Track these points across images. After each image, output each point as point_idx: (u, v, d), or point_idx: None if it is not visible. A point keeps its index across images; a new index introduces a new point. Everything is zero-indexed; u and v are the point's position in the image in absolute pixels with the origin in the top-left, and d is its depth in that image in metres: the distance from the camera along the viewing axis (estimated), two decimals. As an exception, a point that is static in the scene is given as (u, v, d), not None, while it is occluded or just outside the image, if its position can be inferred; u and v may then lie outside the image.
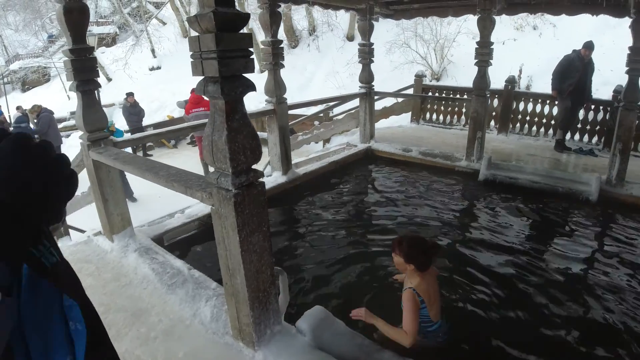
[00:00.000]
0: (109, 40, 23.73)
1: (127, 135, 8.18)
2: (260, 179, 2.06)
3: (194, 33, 1.78)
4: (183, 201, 4.58)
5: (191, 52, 1.78)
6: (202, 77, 1.84)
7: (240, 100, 1.87)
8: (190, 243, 4.11)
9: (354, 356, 2.18)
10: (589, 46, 6.66)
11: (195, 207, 4.53)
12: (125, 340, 2.48)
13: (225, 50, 1.69)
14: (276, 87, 5.17)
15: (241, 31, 1.77)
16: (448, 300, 3.15)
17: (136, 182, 6.13)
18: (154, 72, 20.84)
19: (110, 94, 16.27)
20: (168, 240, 3.97)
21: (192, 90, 9.17)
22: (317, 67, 16.92)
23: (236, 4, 1.92)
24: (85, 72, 3.05)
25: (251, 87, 1.87)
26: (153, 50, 21.66)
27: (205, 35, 1.68)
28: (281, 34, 15.38)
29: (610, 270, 3.76)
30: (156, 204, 5.96)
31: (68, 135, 11.36)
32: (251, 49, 1.82)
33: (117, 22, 25.08)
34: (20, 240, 0.55)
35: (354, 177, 6.33)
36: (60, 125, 11.33)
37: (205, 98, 9.16)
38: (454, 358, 2.58)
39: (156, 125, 10.51)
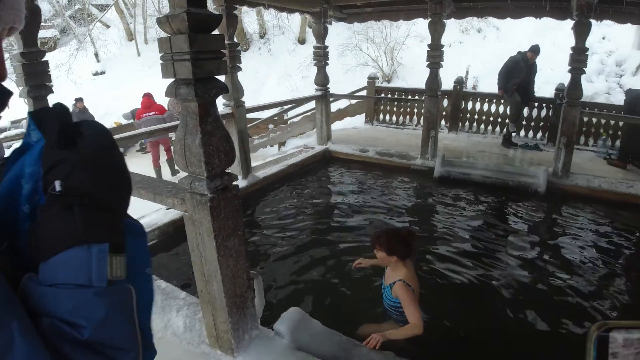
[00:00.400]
0: (51, 45, 22.51)
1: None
2: (234, 182, 2.03)
3: (161, 34, 1.73)
4: (140, 209, 4.47)
5: (161, 54, 1.73)
6: (172, 80, 1.79)
7: (214, 102, 1.84)
8: (151, 253, 3.96)
9: (333, 354, 2.20)
10: (535, 50, 7.07)
11: (151, 216, 4.40)
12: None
13: (198, 52, 1.65)
14: (234, 90, 5.12)
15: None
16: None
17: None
18: (98, 77, 19.96)
19: (51, 101, 15.39)
20: (128, 252, 3.81)
21: (144, 95, 8.92)
22: (270, 71, 16.85)
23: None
24: (37, 77, 2.90)
25: (224, 89, 1.84)
26: (97, 55, 20.78)
27: (177, 36, 1.64)
28: (231, 37, 15.21)
29: (559, 255, 4.06)
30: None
31: (10, 146, 10.67)
32: (224, 51, 1.79)
33: (59, 26, 23.85)
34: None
35: (314, 178, 6.36)
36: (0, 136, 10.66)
37: (158, 102, 9.03)
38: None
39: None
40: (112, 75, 19.60)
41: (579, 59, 5.12)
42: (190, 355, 2.34)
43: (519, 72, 7.16)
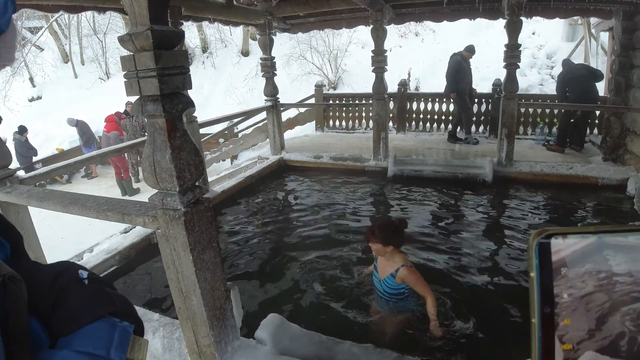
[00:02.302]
0: (-18, 72, 21.17)
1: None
2: (205, 195, 2.04)
3: (122, 53, 1.73)
4: (90, 238, 4.33)
5: (125, 72, 1.72)
6: (137, 97, 1.79)
7: (180, 117, 1.86)
8: (115, 279, 3.86)
9: (316, 354, 2.24)
10: (471, 50, 7.47)
11: (108, 242, 4.28)
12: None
13: (164, 68, 1.67)
14: (185, 107, 5.07)
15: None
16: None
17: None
18: (35, 103, 18.99)
19: (-10, 130, 14.52)
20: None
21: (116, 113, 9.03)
22: (215, 85, 16.70)
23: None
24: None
25: (190, 103, 1.86)
26: (32, 79, 19.76)
27: (142, 53, 1.64)
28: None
29: (509, 235, 4.40)
30: (60, 247, 5.48)
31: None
32: (187, 66, 1.82)
33: (-10, 52, 22.45)
34: None
35: (272, 188, 6.39)
36: None
37: (116, 119, 8.84)
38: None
39: (45, 161, 9.61)
40: (49, 99, 18.71)
41: (512, 55, 5.49)
42: (172, 374, 2.31)
43: (464, 72, 7.52)
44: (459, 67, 7.46)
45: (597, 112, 7.40)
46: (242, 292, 3.39)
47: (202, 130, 6.35)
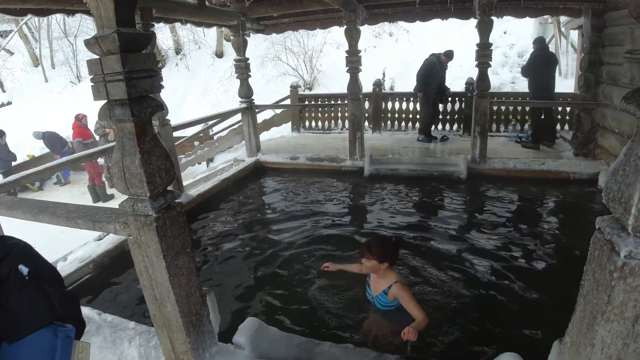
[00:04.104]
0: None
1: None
2: (178, 200, 2.01)
3: (91, 55, 1.69)
4: (63, 246, 4.22)
5: (91, 76, 1.68)
6: (105, 101, 1.74)
7: (149, 121, 1.83)
8: (89, 288, 3.77)
9: (295, 356, 2.23)
10: (449, 55, 7.61)
11: (82, 250, 4.18)
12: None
13: (132, 71, 1.63)
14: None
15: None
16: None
17: None
18: (4, 108, 18.42)
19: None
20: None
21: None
22: (189, 87, 16.51)
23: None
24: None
25: (160, 107, 1.84)
26: (1, 84, 19.16)
27: (108, 57, 1.60)
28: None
29: (484, 230, 4.49)
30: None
31: None
32: (156, 69, 1.78)
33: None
34: None
35: (248, 190, 6.34)
36: None
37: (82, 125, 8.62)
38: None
39: (16, 168, 9.33)
40: (19, 104, 18.21)
41: (484, 54, 5.59)
42: (149, 383, 2.26)
43: (436, 73, 7.63)
44: (431, 69, 7.58)
45: (568, 108, 7.62)
46: (219, 297, 3.36)
47: (176, 134, 6.28)
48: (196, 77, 16.87)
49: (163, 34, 17.82)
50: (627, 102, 1.28)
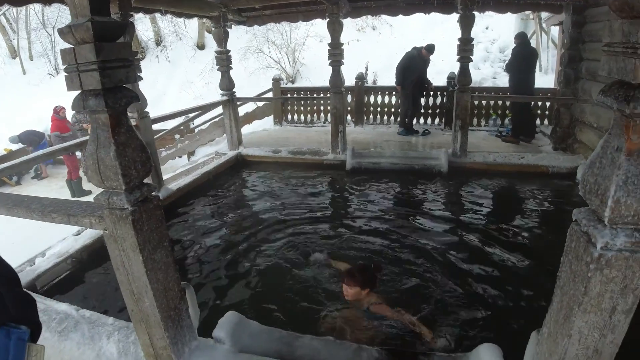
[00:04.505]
0: None
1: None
2: (154, 193, 1.97)
3: (65, 45, 1.64)
4: (42, 242, 4.12)
5: (65, 66, 1.63)
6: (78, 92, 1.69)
7: (125, 112, 1.77)
8: (68, 283, 3.70)
9: (276, 350, 2.22)
10: (430, 49, 7.63)
11: (60, 245, 4.09)
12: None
13: (106, 61, 1.58)
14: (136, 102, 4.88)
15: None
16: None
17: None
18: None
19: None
20: (41, 286, 3.52)
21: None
22: (169, 79, 16.27)
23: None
24: None
25: (135, 97, 1.78)
26: (-22, 77, 18.64)
27: (82, 46, 1.55)
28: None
29: (464, 223, 4.55)
30: (10, 251, 5.19)
31: None
32: (130, 59, 1.74)
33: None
34: None
35: (229, 184, 6.27)
36: None
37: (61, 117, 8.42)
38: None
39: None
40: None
41: (465, 48, 5.63)
42: (128, 379, 2.23)
43: (415, 67, 7.66)
44: (410, 62, 7.63)
45: (548, 103, 7.73)
46: (199, 291, 3.33)
47: (156, 126, 6.17)
48: (177, 69, 16.62)
49: (143, 25, 17.50)
50: (605, 95, 1.29)
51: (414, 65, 7.65)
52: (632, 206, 1.22)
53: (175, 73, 16.46)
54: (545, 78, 11.28)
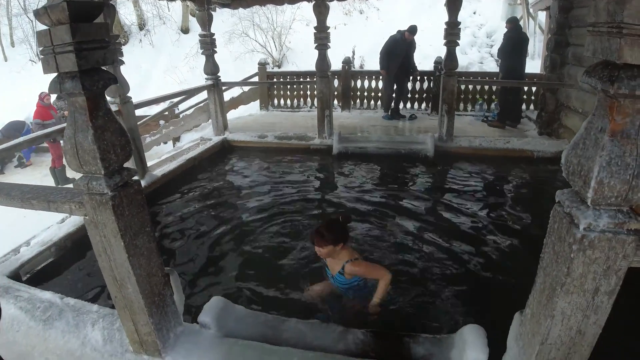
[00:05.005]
0: None
1: None
2: (135, 177, 1.93)
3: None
4: (26, 231, 4.04)
5: (41, 48, 1.57)
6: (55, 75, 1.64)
7: (102, 95, 1.72)
8: (52, 271, 3.64)
9: (261, 334, 2.21)
10: (412, 30, 7.57)
11: (44, 234, 4.02)
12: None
13: (82, 42, 1.52)
14: (118, 86, 4.77)
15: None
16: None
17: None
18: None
19: None
20: (25, 275, 3.46)
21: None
22: (153, 64, 15.98)
23: None
24: None
25: (112, 79, 1.73)
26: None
27: (58, 27, 1.49)
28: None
29: (449, 206, 4.58)
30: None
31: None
32: (108, 40, 1.68)
33: None
34: None
35: (215, 170, 6.20)
36: None
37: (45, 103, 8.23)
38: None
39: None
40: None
41: (452, 32, 5.60)
42: (114, 366, 2.21)
43: (399, 51, 7.61)
44: (393, 46, 7.60)
45: (534, 88, 7.77)
46: (184, 277, 3.32)
47: (140, 112, 6.07)
48: (161, 53, 16.32)
49: (126, 8, 17.11)
50: (589, 76, 1.28)
51: (398, 49, 7.61)
52: (615, 187, 1.22)
53: (159, 58, 16.17)
54: (532, 63, 11.31)
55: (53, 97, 8.76)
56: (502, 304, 2.85)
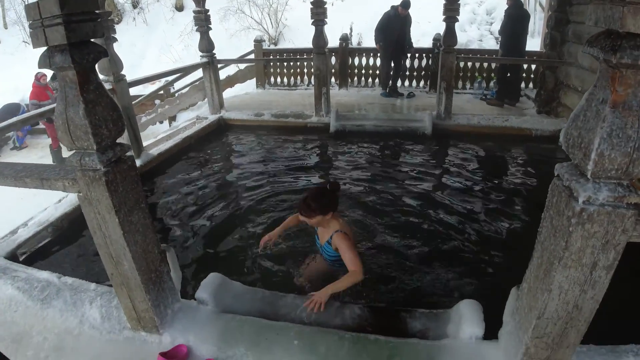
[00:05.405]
0: None
1: None
2: (128, 153, 1.90)
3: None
4: (24, 212, 4.02)
5: (30, 22, 1.53)
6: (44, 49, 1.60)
7: (93, 68, 1.68)
8: (49, 251, 3.64)
9: (259, 310, 2.23)
10: (405, 5, 7.41)
11: (41, 215, 4.00)
12: (14, 369, 2.16)
13: (71, 14, 1.48)
14: (112, 64, 4.69)
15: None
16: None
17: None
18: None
19: None
20: (22, 255, 3.46)
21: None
22: (147, 43, 15.70)
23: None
24: None
25: (103, 52, 1.69)
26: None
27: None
28: (99, 8, 13.86)
29: (447, 184, 4.60)
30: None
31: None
32: (98, 11, 1.63)
33: None
34: None
35: (211, 149, 6.15)
36: None
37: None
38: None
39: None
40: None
41: (451, 7, 5.51)
42: (114, 344, 2.20)
43: (394, 27, 7.49)
44: (387, 22, 7.49)
45: (533, 67, 7.68)
46: (181, 254, 3.32)
47: (135, 92, 5.98)
48: (155, 32, 16.01)
49: (119, -16, 16.76)
50: (591, 46, 1.25)
51: (392, 25, 7.48)
52: (616, 160, 1.20)
53: (153, 36, 15.88)
54: (532, 41, 11.16)
55: (49, 77, 8.61)
56: (498, 279, 2.88)
